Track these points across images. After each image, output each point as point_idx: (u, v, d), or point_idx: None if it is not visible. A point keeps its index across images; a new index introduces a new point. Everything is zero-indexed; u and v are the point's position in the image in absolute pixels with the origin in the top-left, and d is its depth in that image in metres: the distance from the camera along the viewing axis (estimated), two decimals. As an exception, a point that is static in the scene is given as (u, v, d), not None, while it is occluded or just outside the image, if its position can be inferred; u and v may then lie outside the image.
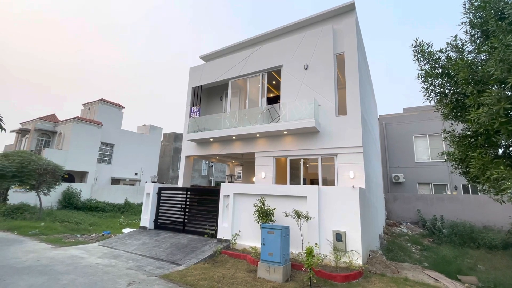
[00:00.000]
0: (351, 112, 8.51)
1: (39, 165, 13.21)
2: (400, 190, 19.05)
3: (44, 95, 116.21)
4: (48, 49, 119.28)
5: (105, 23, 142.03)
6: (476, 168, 4.66)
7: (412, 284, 5.46)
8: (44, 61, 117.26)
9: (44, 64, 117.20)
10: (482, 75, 3.94)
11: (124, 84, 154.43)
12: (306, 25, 10.53)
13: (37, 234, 9.73)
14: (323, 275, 5.61)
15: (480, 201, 15.20)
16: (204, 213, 9.56)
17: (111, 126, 25.37)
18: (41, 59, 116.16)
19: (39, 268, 5.83)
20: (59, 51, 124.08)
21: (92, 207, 18.77)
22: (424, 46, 5.68)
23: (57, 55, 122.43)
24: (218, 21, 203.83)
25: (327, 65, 9.19)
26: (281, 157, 9.80)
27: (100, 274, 5.66)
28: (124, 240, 8.83)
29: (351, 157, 8.18)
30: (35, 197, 14.46)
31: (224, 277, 5.64)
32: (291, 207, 6.93)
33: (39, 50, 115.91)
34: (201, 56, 13.54)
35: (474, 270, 8.93)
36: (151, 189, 10.41)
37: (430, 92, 5.40)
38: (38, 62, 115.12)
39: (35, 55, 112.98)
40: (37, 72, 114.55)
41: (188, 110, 12.54)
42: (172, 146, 29.96)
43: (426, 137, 18.97)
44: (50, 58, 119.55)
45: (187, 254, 7.18)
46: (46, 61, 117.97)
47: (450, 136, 5.81)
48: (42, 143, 23.07)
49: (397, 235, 13.98)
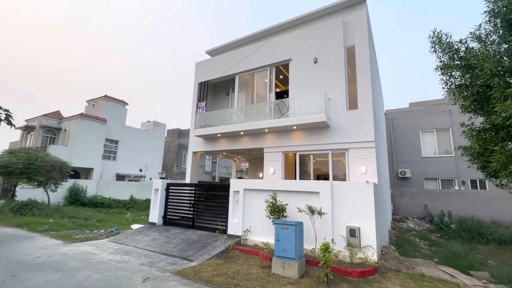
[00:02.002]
0: (363, 106, 8.36)
1: (46, 161, 13.22)
2: (406, 185, 18.92)
3: (47, 92, 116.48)
4: (50, 50, 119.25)
5: (106, 19, 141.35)
6: (499, 162, 4.53)
7: (429, 280, 5.39)
8: (47, 61, 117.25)
9: (47, 63, 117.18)
10: (509, 66, 3.79)
11: (127, 81, 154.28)
12: (315, 18, 10.32)
13: (47, 230, 9.76)
14: (338, 271, 5.55)
15: (489, 196, 15.04)
16: (213, 209, 9.53)
17: (115, 122, 25.35)
18: (43, 59, 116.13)
19: (53, 264, 5.82)
20: (60, 51, 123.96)
21: (98, 203, 18.84)
22: (442, 36, 5.51)
23: (59, 55, 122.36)
24: (225, 15, 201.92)
25: (337, 59, 9.01)
26: (290, 152, 9.69)
27: (113, 270, 5.64)
28: (134, 236, 8.83)
29: (363, 152, 8.06)
30: (42, 193, 14.52)
31: (238, 273, 5.60)
32: (303, 203, 6.86)
33: (40, 50, 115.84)
34: (207, 51, 13.38)
35: (485, 266, 8.84)
36: (159, 185, 10.37)
37: (449, 85, 5.24)
38: (41, 61, 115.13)
39: (37, 55, 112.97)
40: (40, 69, 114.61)
41: (195, 105, 12.42)
42: (176, 142, 29.93)
43: (433, 132, 18.75)
44: (53, 58, 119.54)
45: (198, 250, 7.15)
46: (49, 61, 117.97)
47: (469, 129, 5.66)
48: (48, 140, 23.13)
49: (405, 230, 13.90)
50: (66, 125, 22.91)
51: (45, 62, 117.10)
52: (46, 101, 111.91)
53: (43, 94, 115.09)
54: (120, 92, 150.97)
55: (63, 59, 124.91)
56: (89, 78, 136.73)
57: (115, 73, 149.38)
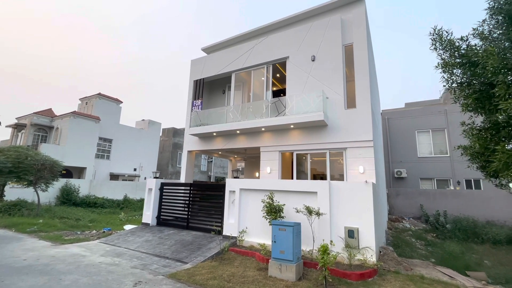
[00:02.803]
0: (361, 105, 8.25)
1: (37, 160, 12.84)
2: (402, 185, 18.95)
3: (40, 90, 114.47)
4: (44, 47, 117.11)
5: (101, 18, 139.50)
6: (501, 162, 4.43)
7: (429, 282, 5.28)
8: (39, 58, 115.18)
9: (40, 60, 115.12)
10: (515, 63, 3.69)
11: (122, 80, 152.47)
12: (312, 15, 10.18)
13: (35, 231, 9.43)
14: (337, 273, 5.40)
15: (484, 196, 15.12)
16: (209, 209, 9.32)
17: (109, 121, 24.90)
18: (36, 56, 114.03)
19: (39, 268, 5.56)
20: (55, 48, 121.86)
21: (91, 203, 18.44)
22: (443, 34, 5.41)
23: (53, 52, 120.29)
24: (220, 13, 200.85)
25: (335, 57, 8.88)
26: (287, 151, 9.54)
27: (104, 273, 5.40)
28: (126, 237, 8.57)
29: (361, 151, 7.94)
30: (32, 193, 14.10)
31: (234, 276, 5.42)
32: (300, 203, 6.70)
33: (32, 46, 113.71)
34: (203, 48, 13.14)
35: (481, 266, 8.80)
36: (153, 184, 10.12)
37: (451, 83, 5.14)
38: (33, 58, 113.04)
39: (30, 52, 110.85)
40: (31, 68, 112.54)
41: (190, 103, 12.18)
42: (171, 141, 29.56)
43: (429, 132, 18.80)
44: (46, 55, 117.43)
45: (193, 252, 6.94)
46: (41, 58, 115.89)
47: (470, 128, 5.56)
48: (39, 138, 22.60)
49: (401, 230, 13.87)
50: (58, 123, 22.41)
51: (37, 60, 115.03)
52: (38, 100, 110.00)
53: (34, 93, 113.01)
54: (115, 91, 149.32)
55: (54, 57, 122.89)
56: (82, 77, 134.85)
57: (109, 72, 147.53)
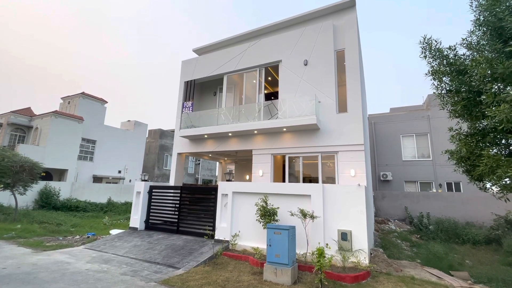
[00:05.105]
0: (352, 109, 8.43)
1: (15, 162, 12.13)
2: (388, 188, 19.49)
3: (19, 88, 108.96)
4: (25, 44, 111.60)
5: (91, 16, 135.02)
6: (487, 166, 4.65)
7: (420, 283, 5.43)
8: (22, 55, 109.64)
9: (22, 57, 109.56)
10: (502, 72, 3.89)
11: (108, 80, 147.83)
12: (305, 20, 10.33)
13: (14, 237, 8.90)
14: (331, 276, 5.44)
15: (463, 198, 15.81)
16: (200, 213, 9.16)
17: (93, 121, 24.01)
18: (17, 53, 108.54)
19: (21, 277, 5.22)
20: (33, 48, 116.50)
21: (73, 206, 17.63)
22: (432, 43, 5.64)
23: (38, 49, 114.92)
24: (214, 15, 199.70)
25: (327, 62, 9.04)
26: (279, 154, 9.57)
27: (92, 281, 5.15)
28: (113, 243, 8.25)
29: (352, 154, 8.09)
30: (9, 196, 13.33)
31: (228, 281, 5.33)
32: (294, 206, 6.72)
33: (17, 43, 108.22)
34: (194, 49, 13.00)
35: (463, 265, 9.16)
36: (141, 188, 9.83)
37: (440, 90, 5.36)
38: (19, 55, 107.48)
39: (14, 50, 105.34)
40: (11, 66, 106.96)
41: (180, 105, 11.98)
42: (157, 143, 28.92)
43: (413, 137, 19.50)
44: (26, 52, 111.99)
45: (185, 257, 6.78)
46: (27, 56, 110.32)
47: (457, 134, 5.81)
48: (16, 139, 21.43)
49: (387, 232, 14.23)
50: (38, 123, 21.35)
51: (16, 56, 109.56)
52: (16, 99, 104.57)
53: (15, 93, 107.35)
54: (99, 91, 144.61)
55: (34, 56, 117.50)
56: (65, 76, 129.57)
57: (96, 72, 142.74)
